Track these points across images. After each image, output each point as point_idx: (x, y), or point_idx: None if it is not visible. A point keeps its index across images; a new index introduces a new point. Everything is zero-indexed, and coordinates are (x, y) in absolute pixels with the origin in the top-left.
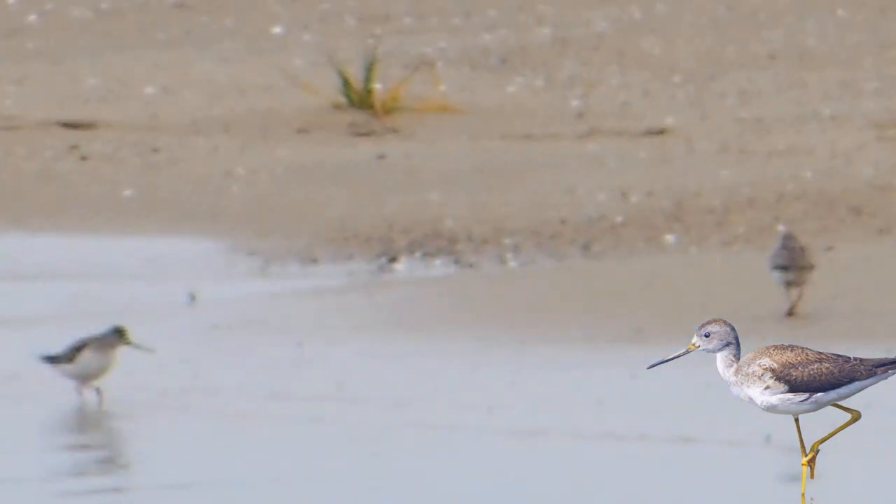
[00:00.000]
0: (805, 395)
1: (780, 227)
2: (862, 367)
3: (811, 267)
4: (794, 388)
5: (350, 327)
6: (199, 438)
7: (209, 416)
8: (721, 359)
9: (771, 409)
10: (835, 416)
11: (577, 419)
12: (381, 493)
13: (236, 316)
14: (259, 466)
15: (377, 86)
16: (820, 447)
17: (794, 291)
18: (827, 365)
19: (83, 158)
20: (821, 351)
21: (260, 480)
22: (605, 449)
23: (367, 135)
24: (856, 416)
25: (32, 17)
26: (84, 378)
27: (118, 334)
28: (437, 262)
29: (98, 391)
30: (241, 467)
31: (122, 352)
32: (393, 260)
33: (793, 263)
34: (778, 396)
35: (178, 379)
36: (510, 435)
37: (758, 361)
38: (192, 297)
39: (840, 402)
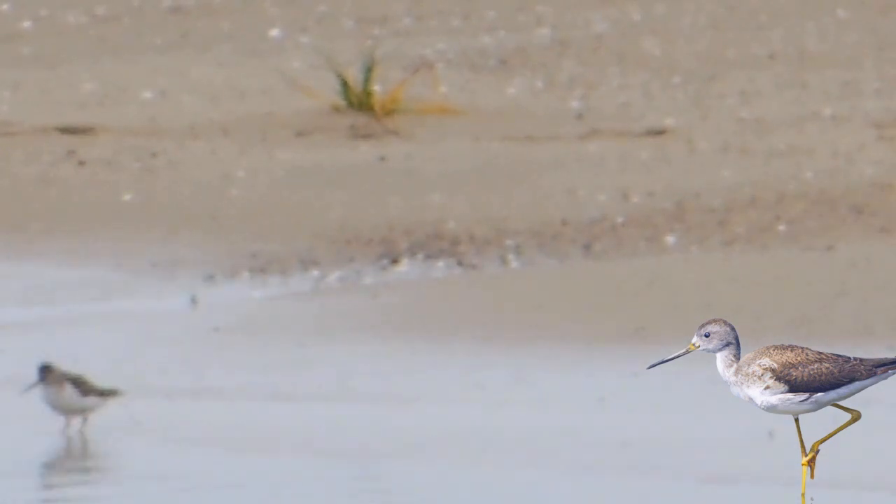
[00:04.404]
0: (805, 395)
1: None
2: (862, 367)
3: None
4: (794, 388)
5: (352, 329)
6: (202, 441)
7: (212, 418)
8: (721, 359)
9: (771, 409)
10: (836, 416)
11: (579, 418)
12: (384, 493)
13: (238, 319)
14: (259, 467)
15: (377, 88)
16: (820, 447)
17: None
18: (827, 365)
19: (81, 164)
20: (821, 351)
21: (258, 480)
22: (607, 448)
23: (367, 137)
24: (856, 416)
25: (27, 23)
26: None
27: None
28: (439, 263)
29: (76, 424)
30: (243, 469)
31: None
32: (395, 262)
33: None
34: (778, 396)
35: (181, 381)
36: (513, 434)
37: (758, 361)
38: (194, 301)
39: (840, 402)
